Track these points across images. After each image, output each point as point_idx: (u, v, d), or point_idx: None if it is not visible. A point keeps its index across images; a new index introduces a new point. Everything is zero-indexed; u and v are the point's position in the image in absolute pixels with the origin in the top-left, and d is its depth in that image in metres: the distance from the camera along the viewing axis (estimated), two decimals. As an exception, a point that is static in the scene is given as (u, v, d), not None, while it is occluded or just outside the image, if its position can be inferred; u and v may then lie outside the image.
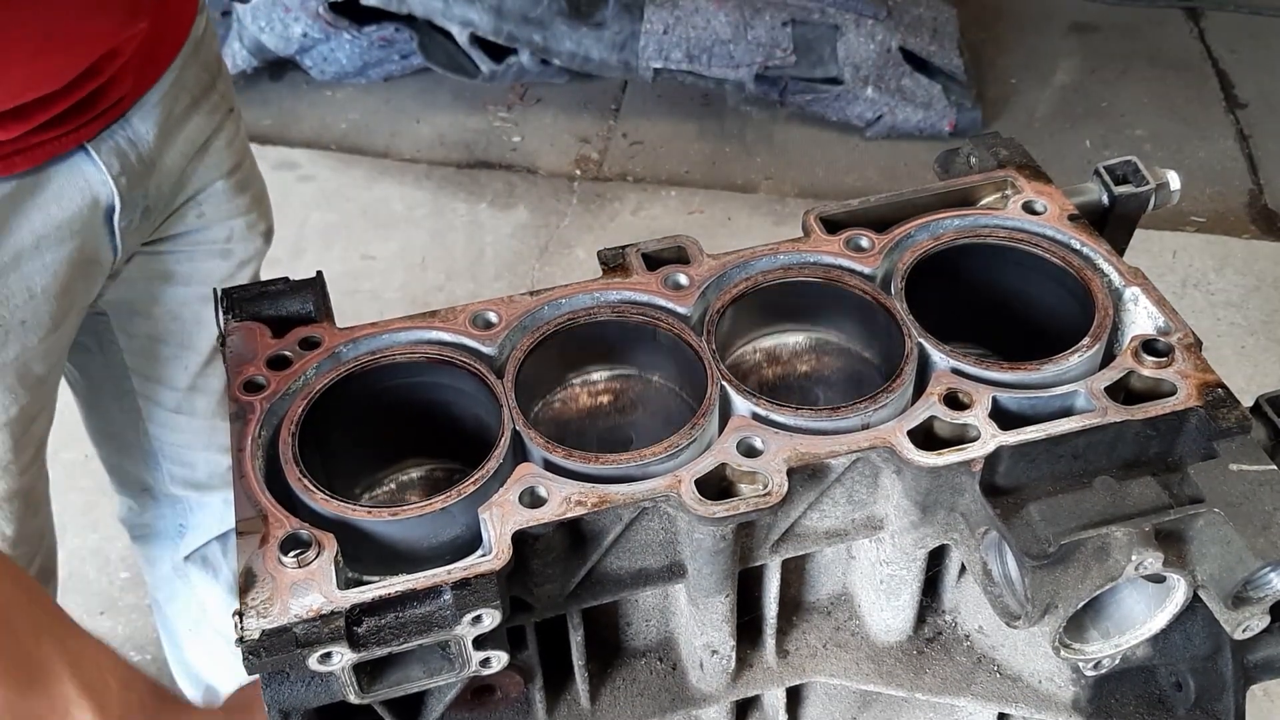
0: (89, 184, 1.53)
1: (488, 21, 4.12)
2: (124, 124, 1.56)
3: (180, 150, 1.68)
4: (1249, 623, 1.08)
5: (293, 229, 3.89)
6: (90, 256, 1.59)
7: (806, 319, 1.32)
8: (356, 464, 1.25)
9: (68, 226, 1.52)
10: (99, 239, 1.59)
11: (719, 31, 4.13)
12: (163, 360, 1.91)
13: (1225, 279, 3.71)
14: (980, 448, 1.08)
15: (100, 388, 1.96)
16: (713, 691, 1.27)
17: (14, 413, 1.58)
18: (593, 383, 1.28)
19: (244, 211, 1.86)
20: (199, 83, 1.70)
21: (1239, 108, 4.46)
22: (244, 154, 1.88)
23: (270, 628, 0.97)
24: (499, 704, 1.22)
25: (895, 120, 4.23)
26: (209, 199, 1.79)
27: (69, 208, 1.52)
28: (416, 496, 1.27)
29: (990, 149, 1.41)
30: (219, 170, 1.79)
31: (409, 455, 1.29)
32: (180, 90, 1.65)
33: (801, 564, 1.29)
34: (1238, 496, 1.05)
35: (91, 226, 1.56)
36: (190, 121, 1.69)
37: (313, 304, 1.26)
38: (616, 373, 1.28)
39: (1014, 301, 1.32)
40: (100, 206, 1.56)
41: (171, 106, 1.64)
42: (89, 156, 1.52)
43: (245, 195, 1.87)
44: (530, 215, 4.00)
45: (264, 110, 4.44)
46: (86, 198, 1.53)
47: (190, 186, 1.75)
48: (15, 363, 1.55)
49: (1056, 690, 1.28)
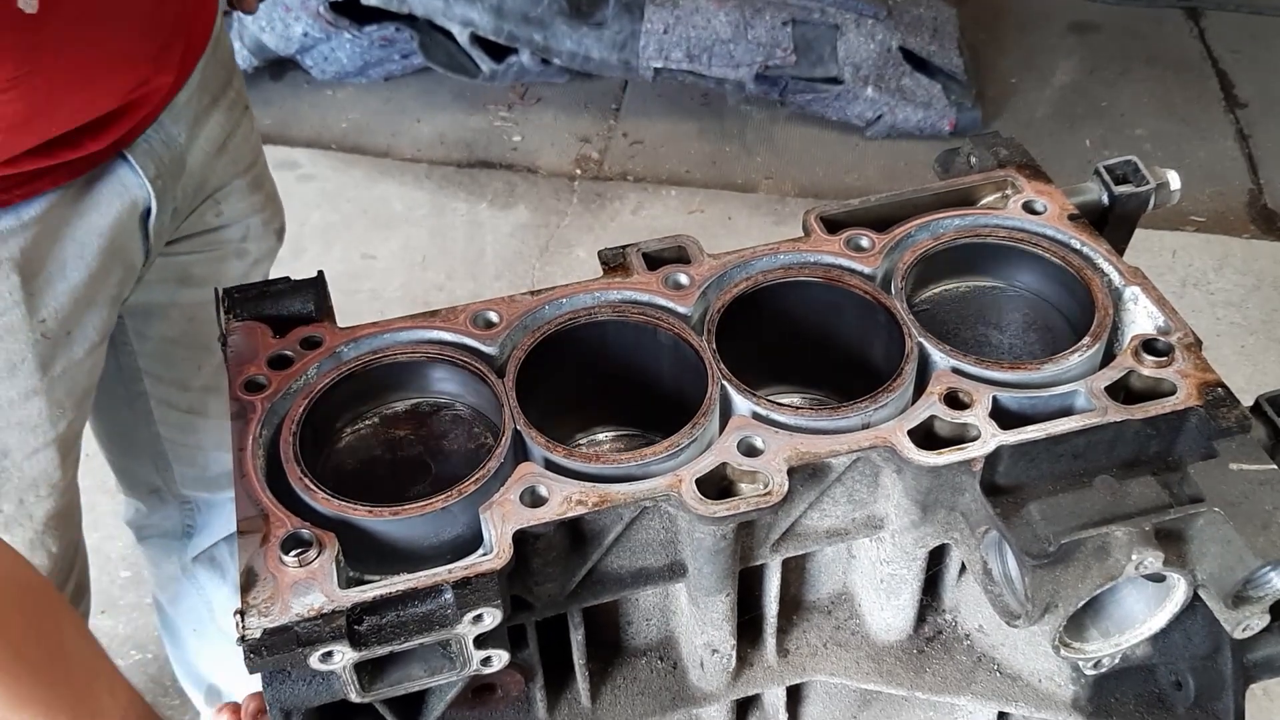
0: (127, 188, 1.54)
1: (488, 21, 4.12)
2: (157, 126, 1.56)
3: (203, 149, 1.69)
4: (1249, 622, 1.08)
5: (293, 228, 3.84)
6: (127, 261, 1.60)
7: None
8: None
9: (109, 233, 1.53)
10: (135, 242, 1.60)
11: (719, 31, 4.13)
12: (177, 362, 1.91)
13: (1225, 278, 3.71)
14: (980, 447, 1.08)
15: (111, 391, 1.96)
16: (713, 690, 1.27)
17: (62, 428, 1.57)
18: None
19: (259, 209, 1.87)
20: (218, 80, 1.71)
21: (1239, 107, 4.46)
22: (258, 151, 1.89)
23: (272, 626, 0.97)
24: (500, 703, 1.22)
25: (895, 120, 4.23)
26: (227, 197, 1.79)
27: (109, 214, 1.52)
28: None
29: (990, 148, 1.41)
30: (237, 167, 1.79)
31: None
32: (203, 89, 1.66)
33: (802, 563, 1.29)
34: (1238, 496, 1.05)
35: (130, 230, 1.57)
36: (211, 119, 1.70)
37: (314, 303, 1.26)
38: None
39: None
40: (138, 210, 1.56)
41: (197, 105, 1.64)
42: (126, 162, 1.53)
43: (260, 192, 1.87)
44: (530, 215, 4.00)
45: (265, 110, 4.43)
46: (125, 202, 1.54)
47: (211, 185, 1.76)
48: (64, 377, 1.54)
49: (1056, 689, 1.28)
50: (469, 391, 1.21)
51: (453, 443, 1.20)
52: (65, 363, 1.53)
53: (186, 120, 1.61)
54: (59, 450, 1.57)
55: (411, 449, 1.21)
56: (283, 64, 4.49)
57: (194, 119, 1.64)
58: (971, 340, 1.31)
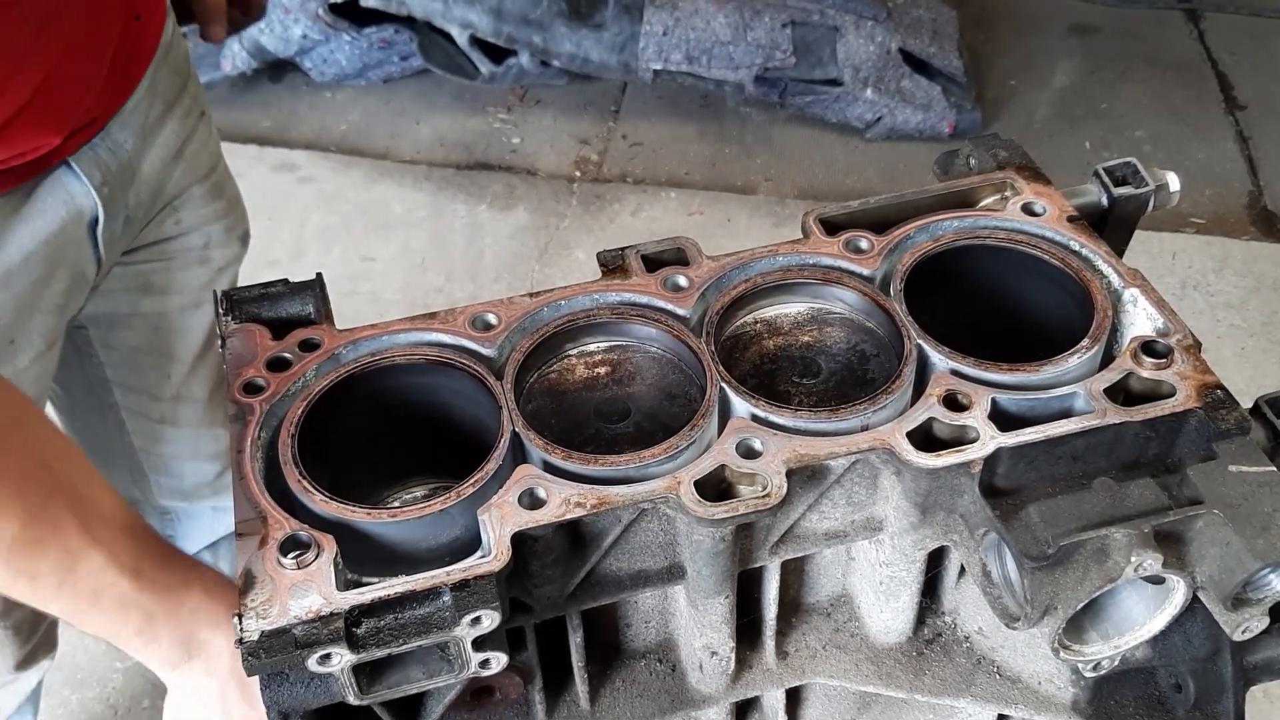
0: (72, 196, 1.52)
1: (487, 23, 4.12)
2: (103, 134, 1.55)
3: (157, 156, 1.68)
4: (1248, 624, 1.08)
5: (292, 231, 3.89)
6: (76, 270, 1.58)
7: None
8: (362, 477, 1.25)
9: (53, 241, 1.51)
10: (83, 251, 1.58)
11: (718, 33, 4.13)
12: (145, 371, 1.90)
13: (1225, 280, 3.71)
14: (979, 449, 1.08)
15: (82, 402, 1.94)
16: (712, 693, 1.27)
17: None
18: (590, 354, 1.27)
19: (221, 215, 1.85)
20: (171, 88, 1.69)
21: (1238, 109, 4.46)
22: (218, 158, 1.87)
23: (270, 629, 0.97)
24: (498, 705, 1.22)
25: (895, 122, 4.23)
26: (186, 205, 1.78)
27: (53, 222, 1.50)
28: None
29: (990, 150, 1.41)
30: (194, 175, 1.78)
31: (414, 473, 1.28)
32: (154, 97, 1.64)
33: (801, 565, 1.29)
34: (1237, 498, 1.05)
35: (76, 239, 1.55)
36: (165, 127, 1.68)
37: (312, 306, 1.26)
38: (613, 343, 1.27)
39: (1014, 303, 1.32)
40: (84, 218, 1.55)
41: (147, 113, 1.63)
42: (70, 169, 1.51)
43: (221, 199, 1.86)
44: (530, 217, 4.00)
45: (264, 112, 4.44)
46: (70, 210, 1.52)
47: (167, 193, 1.74)
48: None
49: (1056, 692, 1.28)
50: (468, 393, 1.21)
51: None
52: (9, 370, 1.51)
53: (135, 128, 1.60)
54: None
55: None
56: (282, 66, 4.50)
57: (145, 127, 1.63)
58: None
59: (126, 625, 1.19)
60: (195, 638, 1.22)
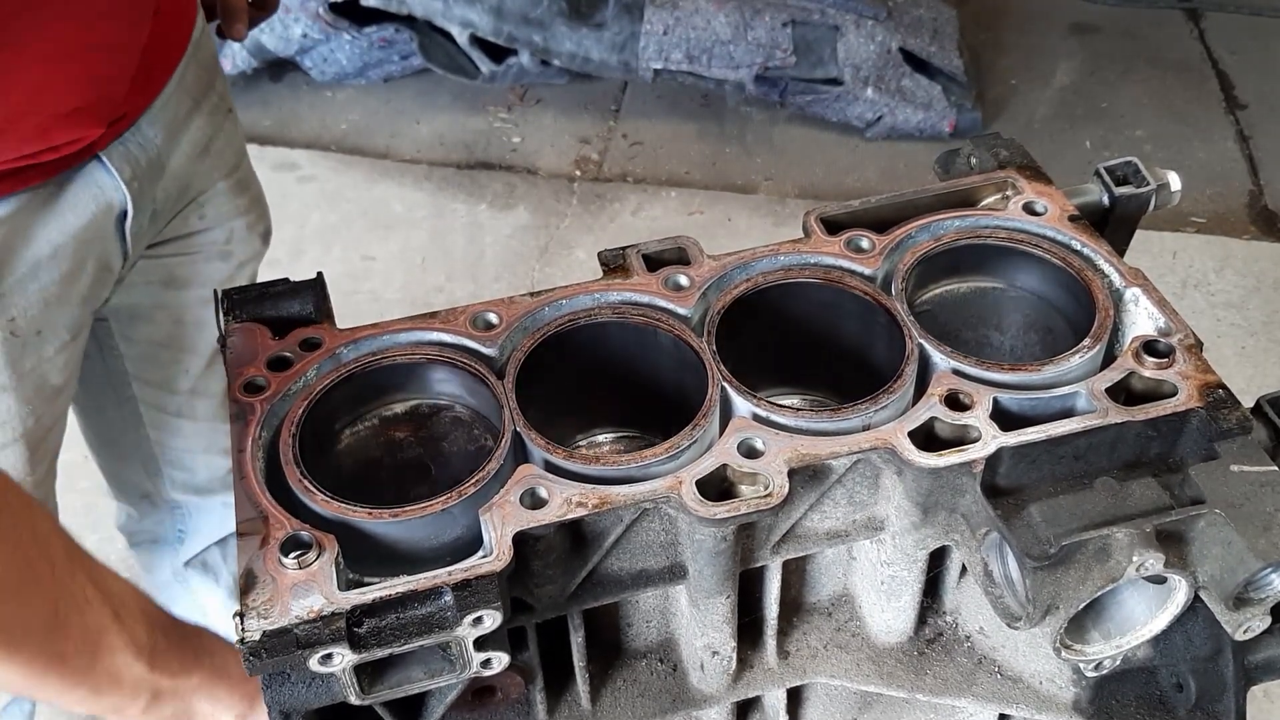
0: (102, 190, 1.53)
1: (488, 22, 4.12)
2: (134, 129, 1.56)
3: (185, 152, 1.69)
4: (1250, 624, 1.08)
5: (293, 230, 3.89)
6: (103, 263, 1.59)
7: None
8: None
9: (82, 234, 1.52)
10: (110, 245, 1.59)
11: (719, 32, 4.13)
12: (164, 365, 1.91)
13: (1225, 280, 3.71)
14: (981, 448, 1.08)
15: (100, 394, 1.96)
16: (713, 692, 1.27)
17: (30, 424, 1.57)
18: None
19: (244, 212, 1.87)
20: (199, 84, 1.70)
21: (1239, 109, 4.46)
22: (242, 154, 1.89)
23: (271, 629, 0.97)
24: (500, 705, 1.22)
25: (895, 121, 4.23)
26: (210, 200, 1.79)
27: (84, 215, 1.52)
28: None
29: (991, 150, 1.41)
30: (220, 171, 1.79)
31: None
32: (183, 93, 1.65)
33: (802, 565, 1.29)
34: (1239, 497, 1.05)
35: (104, 232, 1.56)
36: (193, 123, 1.69)
37: (313, 305, 1.26)
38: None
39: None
40: (113, 212, 1.56)
41: (176, 109, 1.64)
42: (102, 164, 1.52)
43: (245, 196, 1.87)
44: (530, 216, 4.00)
45: (264, 111, 4.43)
46: (100, 204, 1.53)
47: (193, 188, 1.75)
48: (33, 374, 1.54)
49: (1057, 691, 1.28)
50: (468, 393, 1.21)
51: (452, 444, 1.20)
52: (34, 360, 1.53)
53: (164, 123, 1.61)
54: (27, 446, 1.58)
55: (411, 450, 1.20)
56: (282, 65, 4.50)
57: (174, 122, 1.63)
58: (972, 342, 1.31)
59: (135, 704, 1.19)
60: (194, 710, 1.23)
